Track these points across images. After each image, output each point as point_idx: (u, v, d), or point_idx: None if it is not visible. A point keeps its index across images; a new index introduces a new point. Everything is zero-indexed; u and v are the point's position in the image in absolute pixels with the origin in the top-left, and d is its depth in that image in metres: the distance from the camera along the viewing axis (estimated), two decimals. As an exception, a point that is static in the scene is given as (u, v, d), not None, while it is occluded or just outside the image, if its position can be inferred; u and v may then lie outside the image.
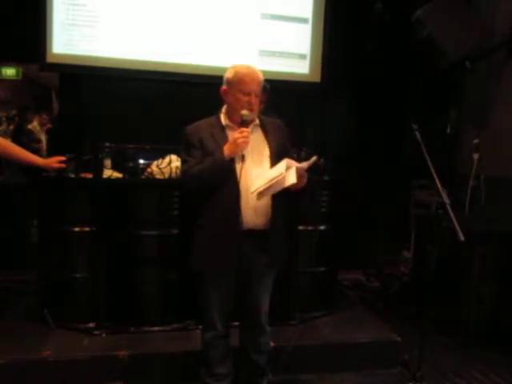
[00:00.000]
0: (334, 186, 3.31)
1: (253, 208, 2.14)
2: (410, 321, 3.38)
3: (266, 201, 2.17)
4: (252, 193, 2.10)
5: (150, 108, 4.27)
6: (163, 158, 3.10)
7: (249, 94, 2.15)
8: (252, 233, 2.16)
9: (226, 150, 2.09)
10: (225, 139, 2.15)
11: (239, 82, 2.16)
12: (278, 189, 2.10)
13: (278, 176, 2.06)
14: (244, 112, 2.11)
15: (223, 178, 2.11)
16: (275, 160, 2.17)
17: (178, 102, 4.34)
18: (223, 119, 2.23)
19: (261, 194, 2.12)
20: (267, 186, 2.07)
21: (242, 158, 2.11)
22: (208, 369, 2.33)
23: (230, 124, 2.21)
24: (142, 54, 4.24)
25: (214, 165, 2.10)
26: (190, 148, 2.19)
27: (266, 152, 2.21)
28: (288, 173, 2.05)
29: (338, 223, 3.38)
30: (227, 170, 2.11)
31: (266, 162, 2.19)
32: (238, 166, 2.11)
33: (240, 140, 2.06)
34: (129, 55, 4.22)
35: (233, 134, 2.13)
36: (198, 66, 4.34)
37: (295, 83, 4.58)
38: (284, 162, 2.06)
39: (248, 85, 2.15)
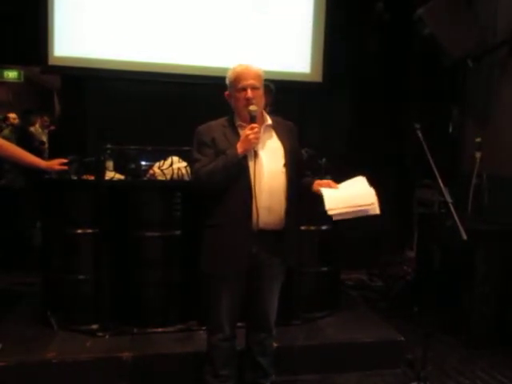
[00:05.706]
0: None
1: (266, 207, 2.12)
2: (413, 320, 3.37)
3: (280, 200, 2.16)
4: (328, 212, 2.12)
5: (151, 109, 4.28)
6: (165, 159, 3.10)
7: (244, 89, 2.15)
8: (264, 233, 2.14)
9: (239, 147, 2.09)
10: (237, 139, 2.14)
11: (235, 80, 2.18)
12: (359, 215, 2.12)
13: (366, 205, 2.08)
14: (251, 108, 2.12)
15: (236, 176, 2.11)
16: (289, 159, 2.18)
17: (180, 103, 4.35)
18: (235, 120, 2.24)
19: (338, 215, 2.13)
20: (350, 210, 2.08)
21: (255, 155, 2.11)
22: (212, 370, 2.32)
23: (242, 124, 2.21)
24: (144, 56, 4.25)
25: (227, 162, 2.10)
26: (202, 147, 2.19)
27: (280, 151, 2.21)
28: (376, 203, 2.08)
29: (340, 223, 3.35)
30: (240, 166, 2.10)
31: (280, 160, 2.19)
32: (251, 164, 2.11)
33: (251, 136, 2.07)
34: (130, 57, 4.23)
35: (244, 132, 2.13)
36: (200, 67, 4.35)
37: (297, 83, 4.58)
38: (372, 191, 2.11)
39: (242, 80, 2.15)
